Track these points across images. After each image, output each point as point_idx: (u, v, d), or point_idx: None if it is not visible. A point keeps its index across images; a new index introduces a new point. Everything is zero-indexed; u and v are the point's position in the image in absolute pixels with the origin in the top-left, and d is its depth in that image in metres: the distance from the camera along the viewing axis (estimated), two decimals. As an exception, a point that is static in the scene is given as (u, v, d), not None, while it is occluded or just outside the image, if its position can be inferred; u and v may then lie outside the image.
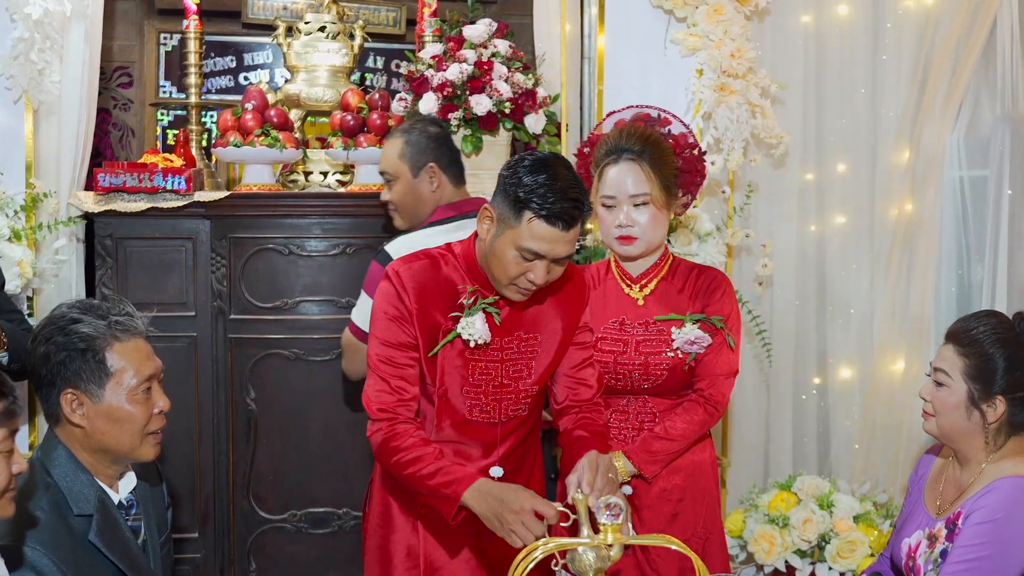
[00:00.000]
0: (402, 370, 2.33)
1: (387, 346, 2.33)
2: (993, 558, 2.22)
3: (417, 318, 2.32)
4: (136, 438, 2.07)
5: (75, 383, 2.02)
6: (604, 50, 3.58)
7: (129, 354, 2.05)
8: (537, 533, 2.05)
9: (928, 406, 2.43)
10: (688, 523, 2.62)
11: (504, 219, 2.22)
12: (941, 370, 2.39)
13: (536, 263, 2.22)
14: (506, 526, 2.08)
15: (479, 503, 2.14)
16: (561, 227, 2.18)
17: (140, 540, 2.13)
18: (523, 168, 2.20)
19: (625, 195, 2.53)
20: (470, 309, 2.31)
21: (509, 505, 2.09)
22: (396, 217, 3.07)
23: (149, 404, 2.08)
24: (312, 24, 3.74)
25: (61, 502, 2.01)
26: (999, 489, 2.27)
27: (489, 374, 2.37)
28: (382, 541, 2.50)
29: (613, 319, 2.62)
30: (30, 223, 3.24)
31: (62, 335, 2.03)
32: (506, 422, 2.41)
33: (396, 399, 2.32)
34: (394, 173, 3.00)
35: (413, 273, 2.34)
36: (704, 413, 2.58)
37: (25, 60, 3.21)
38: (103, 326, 2.04)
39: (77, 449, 2.06)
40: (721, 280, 2.64)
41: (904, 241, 3.76)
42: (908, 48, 3.78)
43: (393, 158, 3.00)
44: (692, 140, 2.73)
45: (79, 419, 2.03)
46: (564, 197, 2.17)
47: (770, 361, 3.73)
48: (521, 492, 2.12)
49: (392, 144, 3.01)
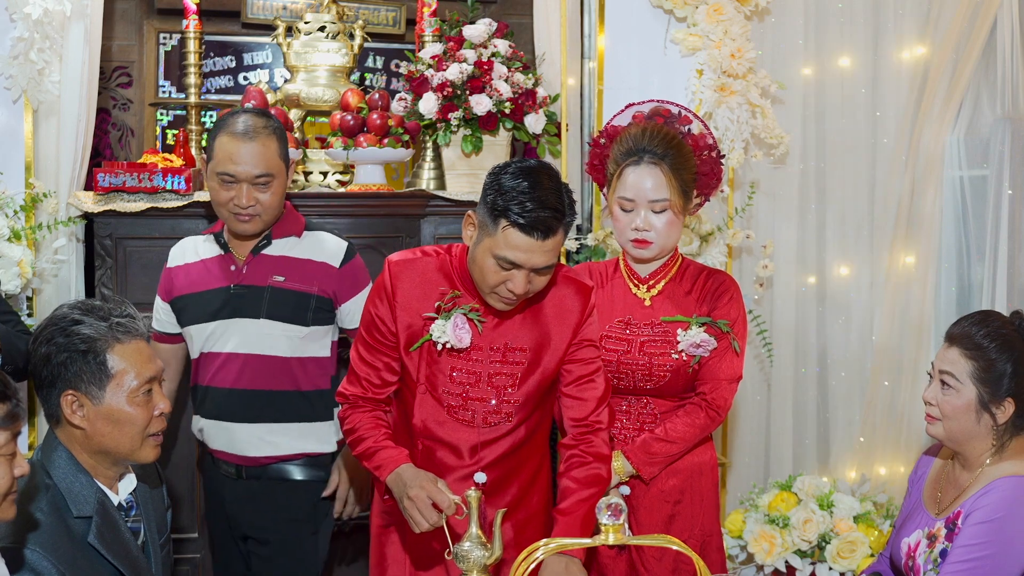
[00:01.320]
0: (375, 360, 2.39)
1: (363, 337, 2.41)
2: (993, 557, 2.23)
3: (400, 313, 2.34)
4: (136, 440, 2.07)
5: (76, 384, 2.02)
6: (604, 50, 3.58)
7: (130, 356, 2.05)
8: (431, 520, 2.12)
9: (933, 410, 2.41)
10: (685, 525, 2.61)
11: (484, 226, 2.21)
12: (948, 373, 2.37)
13: (514, 272, 2.20)
14: (406, 511, 2.16)
15: (393, 487, 2.25)
16: (537, 236, 2.15)
17: (140, 541, 2.13)
18: (506, 175, 2.19)
19: (644, 199, 2.52)
20: (446, 313, 2.31)
21: (408, 491, 2.16)
22: (256, 222, 2.77)
23: (150, 406, 2.08)
24: (312, 24, 3.73)
25: (61, 504, 2.01)
26: (999, 489, 2.27)
27: (471, 380, 2.36)
28: (379, 544, 2.51)
29: (619, 318, 2.61)
30: (29, 223, 3.23)
31: (63, 336, 2.03)
32: (486, 428, 2.39)
33: (359, 391, 2.41)
34: (276, 172, 2.76)
35: (404, 269, 2.37)
36: (705, 417, 2.58)
37: (24, 60, 3.20)
38: (104, 328, 2.04)
39: (77, 450, 2.06)
40: (730, 284, 2.63)
41: (904, 241, 3.76)
42: (908, 47, 3.78)
43: (275, 157, 2.76)
44: (711, 141, 2.70)
45: (79, 420, 2.03)
46: (542, 206, 2.14)
47: (770, 361, 3.73)
48: (424, 479, 2.17)
49: (269, 142, 2.74)
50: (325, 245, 2.87)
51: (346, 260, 2.86)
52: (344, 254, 2.86)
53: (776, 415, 3.86)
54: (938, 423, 2.40)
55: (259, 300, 2.79)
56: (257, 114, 2.81)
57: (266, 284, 2.80)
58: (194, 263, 2.87)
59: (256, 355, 2.79)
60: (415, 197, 3.51)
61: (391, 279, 2.36)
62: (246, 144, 2.71)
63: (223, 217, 2.80)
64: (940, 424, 2.39)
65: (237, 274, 2.82)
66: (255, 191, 2.73)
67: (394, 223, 3.49)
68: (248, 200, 2.72)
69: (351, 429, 2.40)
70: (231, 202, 2.73)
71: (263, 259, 2.82)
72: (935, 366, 2.42)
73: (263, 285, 2.80)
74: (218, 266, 2.84)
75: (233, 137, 2.72)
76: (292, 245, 2.84)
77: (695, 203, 2.65)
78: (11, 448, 1.78)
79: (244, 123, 2.74)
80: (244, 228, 2.77)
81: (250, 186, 2.72)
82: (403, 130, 3.51)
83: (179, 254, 2.91)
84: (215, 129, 2.77)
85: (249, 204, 2.72)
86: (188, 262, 2.87)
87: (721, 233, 3.55)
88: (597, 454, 2.40)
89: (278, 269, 2.81)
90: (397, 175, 4.01)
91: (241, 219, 2.75)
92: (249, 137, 2.71)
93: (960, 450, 2.40)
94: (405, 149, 3.51)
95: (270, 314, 2.79)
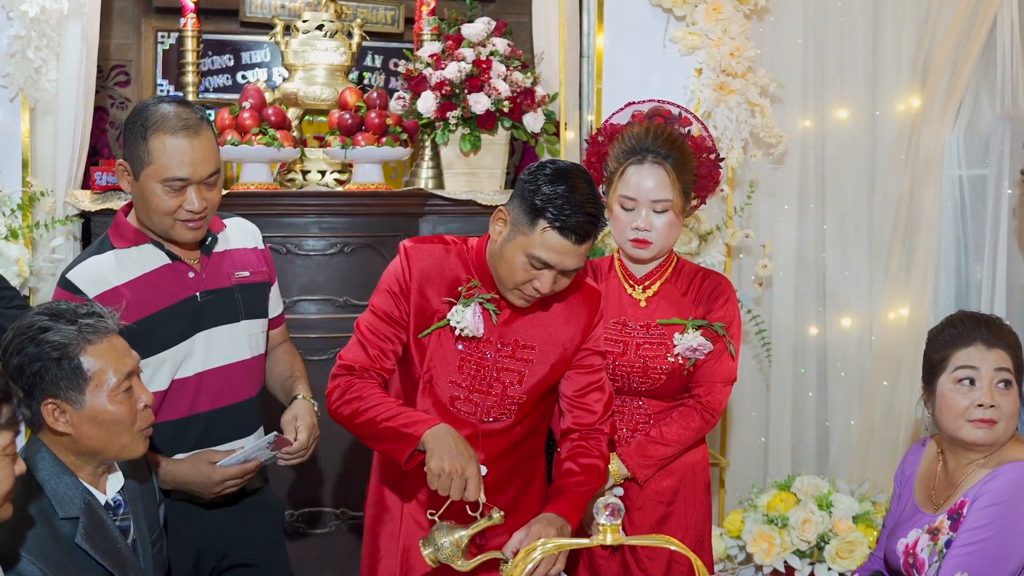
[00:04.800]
0: (384, 342, 2.35)
1: (376, 316, 2.36)
2: (998, 540, 2.23)
3: (414, 297, 2.34)
4: (125, 437, 2.04)
5: (54, 392, 1.97)
6: (603, 49, 3.57)
7: (105, 354, 2.01)
8: (453, 496, 2.10)
9: (995, 412, 2.30)
10: (679, 525, 2.61)
11: (518, 224, 2.22)
12: (1007, 370, 2.31)
13: (543, 272, 2.23)
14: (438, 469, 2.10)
15: (433, 442, 2.14)
16: (574, 240, 2.18)
17: (129, 540, 2.11)
18: (543, 176, 2.20)
19: (647, 199, 2.51)
20: (465, 300, 2.32)
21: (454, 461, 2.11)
22: (204, 226, 2.42)
23: (132, 400, 2.04)
24: (310, 22, 3.73)
25: (46, 506, 1.98)
26: (1004, 473, 2.27)
27: (478, 372, 2.36)
28: (372, 536, 2.50)
29: (614, 319, 2.60)
30: (27, 222, 3.23)
31: (34, 345, 1.97)
32: (489, 423, 2.39)
33: (367, 364, 2.34)
34: (219, 165, 2.44)
35: (422, 254, 2.37)
36: (700, 419, 2.57)
37: (22, 58, 3.20)
38: (73, 331, 1.99)
39: (62, 452, 2.02)
40: (725, 286, 2.62)
41: (903, 240, 3.76)
42: (908, 47, 3.78)
43: (217, 152, 2.43)
44: (710, 144, 2.70)
45: (64, 427, 1.99)
46: (581, 211, 2.17)
47: (770, 361, 3.72)
48: (473, 458, 2.15)
49: (210, 132, 2.40)
50: (246, 228, 2.62)
51: (263, 239, 2.65)
52: (260, 233, 2.64)
53: (775, 415, 3.85)
54: (997, 425, 2.31)
55: (231, 302, 2.48)
56: (181, 104, 2.39)
57: (231, 284, 2.49)
58: (130, 281, 2.39)
59: (234, 364, 2.50)
60: (413, 196, 3.51)
61: (408, 261, 2.35)
62: (192, 140, 2.32)
63: (162, 227, 2.38)
64: (1000, 426, 2.31)
65: (198, 280, 2.44)
66: (204, 191, 2.36)
67: (392, 222, 3.48)
68: (200, 203, 2.35)
69: (361, 395, 2.28)
70: (180, 209, 2.34)
71: (217, 257, 2.50)
72: (981, 368, 2.31)
73: (228, 285, 2.49)
74: (169, 277, 2.42)
75: (175, 135, 2.31)
76: (228, 235, 2.56)
77: (691, 205, 2.65)
78: (12, 449, 1.77)
79: (179, 117, 2.33)
80: (194, 236, 2.40)
81: (201, 187, 2.36)
82: (401, 129, 3.51)
83: (96, 279, 2.37)
84: (138, 129, 2.33)
85: (202, 208, 2.36)
86: (120, 283, 2.38)
87: (720, 232, 3.54)
88: (601, 452, 2.43)
89: (235, 264, 2.53)
90: (395, 174, 4.01)
91: (191, 226, 2.37)
92: (193, 132, 2.33)
93: (993, 451, 2.35)
94: (403, 148, 3.50)
95: (249, 313, 2.52)
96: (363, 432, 2.29)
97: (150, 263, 2.42)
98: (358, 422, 2.28)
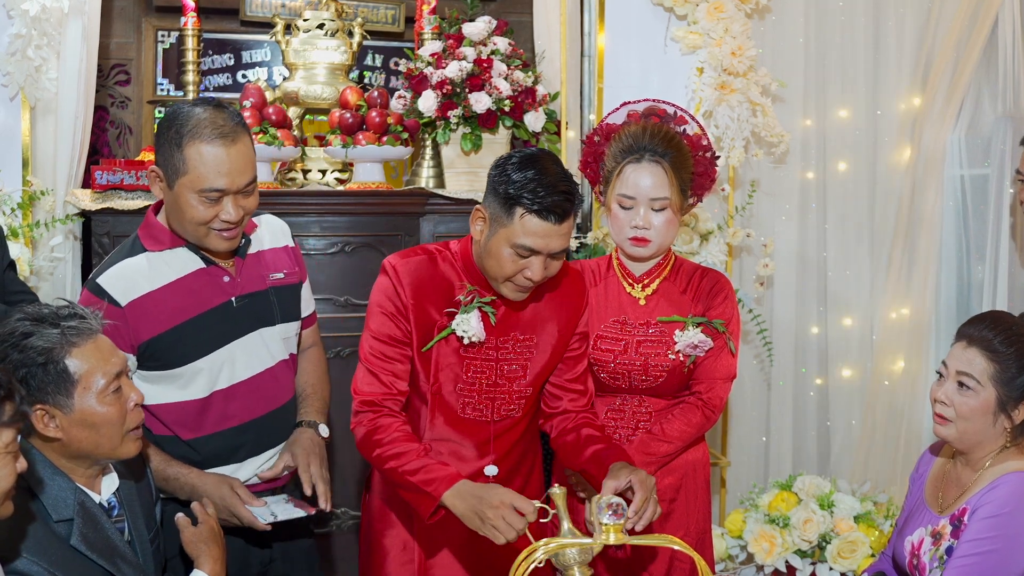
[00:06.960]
0: (393, 364, 2.34)
1: (379, 340, 2.34)
2: (999, 551, 2.22)
3: (413, 313, 2.33)
4: (116, 439, 2.02)
5: (42, 398, 1.94)
6: (604, 48, 3.57)
7: (90, 356, 1.98)
8: (518, 527, 2.08)
9: (947, 410, 2.34)
10: (680, 523, 2.62)
11: (497, 218, 2.23)
12: (966, 374, 2.31)
13: (532, 259, 2.24)
14: (488, 523, 2.09)
15: (459, 502, 2.15)
16: (554, 220, 2.19)
17: (126, 539, 2.10)
18: (511, 165, 2.22)
19: (645, 197, 2.51)
20: (466, 307, 2.32)
21: (489, 501, 2.10)
22: (239, 234, 2.35)
23: (121, 400, 2.02)
24: (311, 21, 3.72)
25: (40, 509, 1.97)
26: (1006, 484, 2.27)
27: (483, 373, 2.37)
28: (378, 536, 2.50)
29: (614, 318, 2.60)
30: (27, 221, 3.22)
31: (18, 352, 1.94)
32: (499, 421, 2.41)
33: (384, 392, 2.33)
34: (255, 174, 2.33)
35: (410, 268, 2.35)
36: (701, 416, 2.58)
37: (22, 57, 3.19)
38: (57, 335, 1.96)
39: (54, 456, 2.01)
40: (724, 283, 2.63)
41: (905, 240, 3.76)
42: (909, 46, 3.77)
43: (254, 159, 2.32)
44: (706, 142, 2.71)
45: (54, 432, 1.96)
46: (555, 191, 2.18)
47: (771, 361, 3.72)
48: (499, 489, 2.14)
49: (247, 138, 2.29)
50: (276, 226, 2.54)
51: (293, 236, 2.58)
52: (289, 229, 2.56)
53: (776, 415, 3.85)
54: (950, 424, 2.34)
55: (267, 305, 2.42)
56: (217, 108, 2.26)
57: (265, 287, 2.43)
58: (164, 287, 2.32)
59: (270, 369, 2.43)
60: (414, 195, 3.50)
61: (398, 278, 2.33)
62: (229, 149, 2.22)
63: (196, 236, 2.30)
64: (953, 425, 2.34)
65: (233, 285, 2.38)
66: (241, 199, 2.27)
67: (393, 221, 3.48)
68: (237, 213, 2.26)
69: (383, 440, 2.26)
70: (215, 219, 2.26)
71: (252, 260, 2.44)
72: (949, 366, 2.36)
73: (263, 288, 2.43)
74: (204, 282, 2.35)
75: (212, 143, 2.20)
76: (261, 236, 2.49)
77: (688, 203, 2.65)
78: (15, 447, 1.76)
79: (215, 124, 2.22)
80: (229, 245, 2.33)
81: (238, 196, 2.26)
82: (402, 128, 3.50)
83: (129, 284, 2.30)
84: (172, 136, 2.23)
85: (239, 217, 2.27)
86: (153, 288, 2.31)
87: (721, 232, 3.54)
88: (602, 425, 2.49)
89: (269, 266, 2.47)
90: (396, 173, 4.00)
91: (226, 235, 2.29)
92: (231, 140, 2.22)
93: (967, 451, 2.37)
94: (404, 147, 3.50)
95: (284, 316, 2.45)
96: (388, 478, 2.32)
97: (184, 267, 2.34)
98: (384, 468, 2.29)
